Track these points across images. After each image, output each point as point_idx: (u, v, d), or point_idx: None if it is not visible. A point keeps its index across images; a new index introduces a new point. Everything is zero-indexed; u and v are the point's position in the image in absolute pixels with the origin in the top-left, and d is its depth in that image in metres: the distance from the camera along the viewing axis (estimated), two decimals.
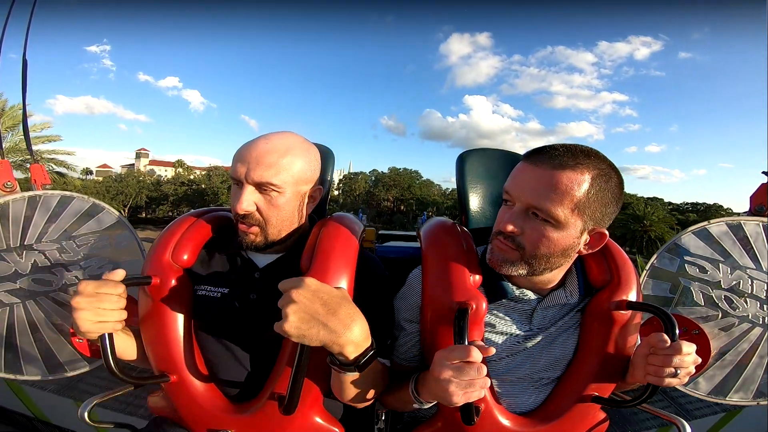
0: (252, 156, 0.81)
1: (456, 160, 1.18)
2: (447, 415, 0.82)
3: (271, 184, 0.81)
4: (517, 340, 0.84)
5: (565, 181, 0.70)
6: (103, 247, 1.21)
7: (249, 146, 0.83)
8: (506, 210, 0.77)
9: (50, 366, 1.14)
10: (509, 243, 0.76)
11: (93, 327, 0.70)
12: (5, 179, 1.17)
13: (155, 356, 0.85)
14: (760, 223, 1.17)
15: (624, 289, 0.82)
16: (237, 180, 0.83)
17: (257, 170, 0.80)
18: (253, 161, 0.81)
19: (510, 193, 0.76)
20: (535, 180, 0.72)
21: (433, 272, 0.84)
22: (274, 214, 0.84)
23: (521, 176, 0.75)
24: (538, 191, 0.71)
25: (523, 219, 0.74)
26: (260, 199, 0.83)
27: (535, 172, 0.73)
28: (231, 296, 0.86)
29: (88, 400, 0.86)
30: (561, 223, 0.72)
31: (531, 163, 0.74)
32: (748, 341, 1.14)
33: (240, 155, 0.83)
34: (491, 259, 0.80)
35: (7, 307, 1.11)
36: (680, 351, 0.70)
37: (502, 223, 0.76)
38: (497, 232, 0.78)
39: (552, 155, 0.72)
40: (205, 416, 0.83)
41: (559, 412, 0.83)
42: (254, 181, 0.81)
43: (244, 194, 0.81)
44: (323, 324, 0.65)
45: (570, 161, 0.71)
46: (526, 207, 0.74)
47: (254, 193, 0.82)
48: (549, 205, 0.71)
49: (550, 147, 0.74)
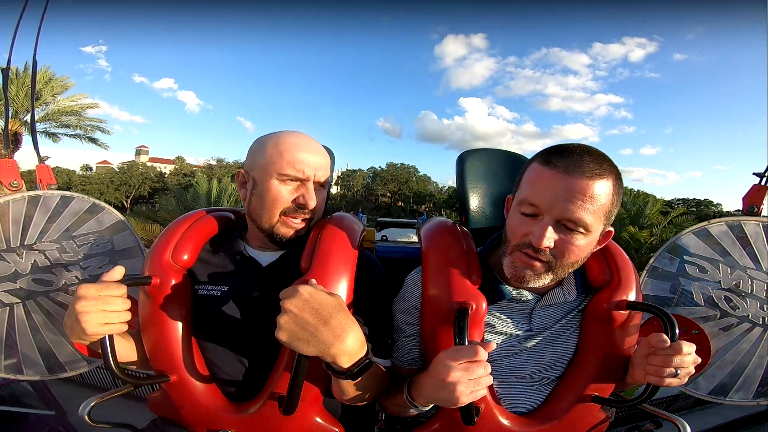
0: (317, 157, 0.88)
1: (456, 160, 1.18)
2: (447, 415, 0.82)
3: (326, 182, 0.93)
4: (517, 341, 0.84)
5: (598, 190, 0.70)
6: (103, 247, 1.21)
7: (309, 148, 0.88)
8: (533, 223, 0.73)
9: (50, 366, 1.14)
10: (539, 256, 0.73)
11: (99, 329, 0.70)
12: (12, 178, 1.17)
13: (155, 356, 0.85)
14: (760, 223, 1.17)
15: (624, 289, 0.82)
16: (300, 178, 0.87)
17: (323, 170, 0.90)
18: (319, 162, 0.88)
19: (538, 205, 0.72)
20: (570, 191, 0.69)
21: (434, 272, 0.84)
22: (320, 207, 0.93)
23: (552, 187, 0.70)
24: (574, 203, 0.69)
25: (553, 231, 0.72)
26: (318, 194, 0.90)
27: (566, 182, 0.70)
28: (233, 294, 0.87)
29: (88, 400, 0.86)
30: (590, 231, 0.72)
31: (561, 171, 0.70)
32: (748, 341, 1.14)
33: (302, 154, 0.86)
34: (514, 274, 0.77)
35: (7, 307, 1.11)
36: (680, 351, 0.70)
37: (535, 239, 0.72)
38: (522, 245, 0.74)
39: (580, 162, 0.70)
40: (205, 416, 0.83)
41: (559, 412, 0.83)
42: (320, 179, 0.89)
43: (314, 191, 0.88)
44: (313, 335, 0.65)
45: (598, 168, 0.70)
46: (557, 219, 0.71)
47: (316, 189, 0.89)
48: (584, 216, 0.70)
49: (570, 151, 0.72)
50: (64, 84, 14.87)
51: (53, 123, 14.81)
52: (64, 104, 14.81)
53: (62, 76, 14.90)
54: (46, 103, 14.34)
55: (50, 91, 14.28)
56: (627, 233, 10.15)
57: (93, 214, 1.22)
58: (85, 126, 15.60)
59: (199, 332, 0.87)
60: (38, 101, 13.89)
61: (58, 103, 14.71)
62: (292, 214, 0.88)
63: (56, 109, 14.61)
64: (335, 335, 0.66)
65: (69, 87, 15.13)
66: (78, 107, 15.29)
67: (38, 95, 13.78)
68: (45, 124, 14.71)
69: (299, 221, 0.89)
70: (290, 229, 0.89)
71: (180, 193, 13.65)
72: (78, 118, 15.31)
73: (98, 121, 16.11)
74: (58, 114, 14.65)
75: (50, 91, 14.28)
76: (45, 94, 14.09)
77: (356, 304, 0.83)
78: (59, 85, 14.67)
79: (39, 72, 13.42)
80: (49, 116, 14.54)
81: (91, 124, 15.83)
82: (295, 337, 0.65)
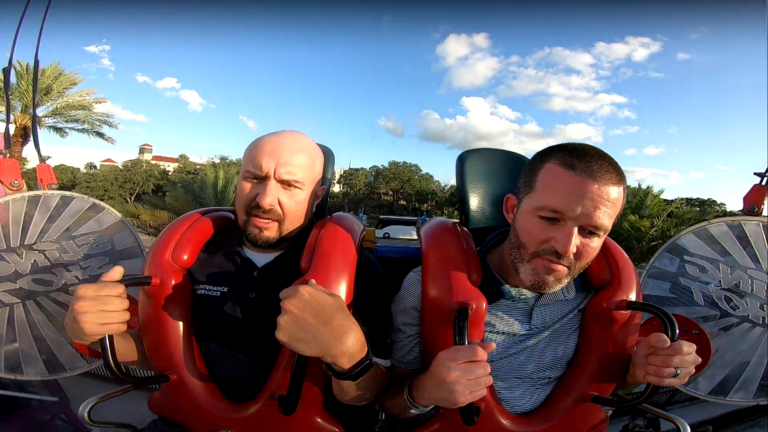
0: (282, 152, 0.84)
1: (456, 160, 1.18)
2: (447, 415, 0.82)
3: (297, 181, 0.85)
4: (517, 340, 0.84)
5: (617, 195, 0.71)
6: (103, 247, 1.21)
7: (273, 142, 0.85)
8: (554, 228, 0.72)
9: (50, 366, 1.14)
10: (561, 261, 0.73)
11: (98, 329, 0.70)
12: (12, 178, 1.17)
13: (155, 356, 0.85)
14: (760, 223, 1.17)
15: (624, 289, 0.82)
16: (258, 175, 0.84)
17: (286, 167, 0.84)
18: (284, 158, 0.83)
19: (563, 212, 0.70)
20: (598, 197, 0.69)
21: (434, 272, 0.83)
22: (293, 210, 0.87)
23: (578, 193, 0.69)
24: (599, 209, 0.69)
25: (577, 236, 0.71)
26: (283, 194, 0.85)
27: (594, 187, 0.69)
28: (230, 295, 0.87)
29: (88, 400, 0.86)
30: (605, 233, 0.73)
31: (586, 177, 0.69)
32: (748, 341, 1.14)
33: (264, 150, 0.84)
34: (536, 281, 0.75)
35: (7, 307, 1.11)
36: (680, 351, 0.70)
37: (561, 246, 0.70)
38: (543, 251, 0.73)
39: (600, 166, 0.70)
40: (205, 416, 0.83)
41: (559, 412, 0.83)
42: (282, 177, 0.84)
43: (270, 189, 0.83)
44: (313, 336, 0.65)
45: (616, 173, 0.71)
46: (582, 225, 0.71)
47: (278, 188, 0.85)
48: (606, 221, 0.71)
49: (587, 153, 0.71)
50: (72, 80, 15.17)
51: (62, 117, 15.13)
52: (73, 99, 15.12)
53: (71, 72, 15.24)
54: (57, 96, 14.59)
55: (60, 85, 14.56)
56: (627, 222, 10.16)
57: (93, 214, 1.22)
58: (92, 121, 15.85)
59: (199, 332, 0.87)
60: (48, 95, 14.19)
61: (66, 98, 15.01)
62: (254, 212, 0.86)
63: (65, 103, 14.91)
64: (335, 336, 0.66)
65: (78, 82, 15.41)
66: (86, 102, 15.54)
67: (48, 89, 14.09)
68: (53, 118, 15.03)
69: (264, 221, 0.85)
70: (256, 229, 0.86)
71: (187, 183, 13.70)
72: (86, 113, 15.57)
73: (105, 116, 16.38)
74: (67, 108, 14.95)
75: (60, 86, 14.57)
76: (55, 88, 14.37)
77: (356, 305, 0.83)
78: (68, 80, 14.95)
79: (49, 67, 14.03)
80: (58, 110, 14.82)
81: (99, 119, 16.09)
82: (295, 338, 0.65)
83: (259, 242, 0.87)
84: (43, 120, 14.62)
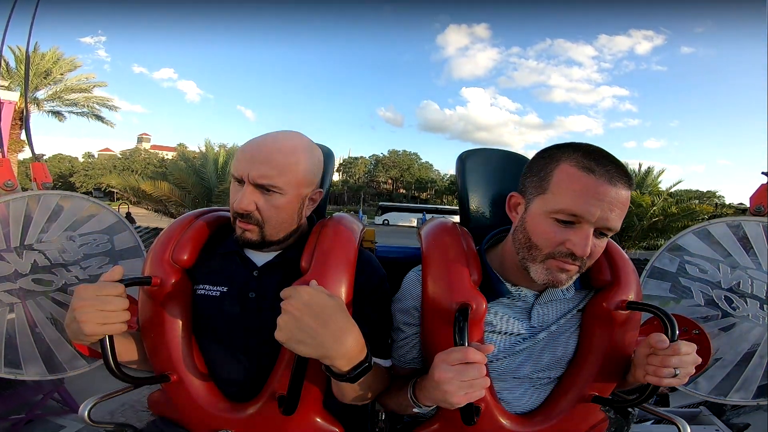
0: (257, 156, 0.81)
1: (456, 160, 1.18)
2: (447, 415, 0.82)
3: (273, 185, 0.81)
4: (517, 339, 0.84)
5: (629, 198, 0.73)
6: (103, 247, 1.21)
7: (254, 145, 0.83)
8: (570, 231, 0.72)
9: (50, 365, 1.14)
10: (576, 262, 0.73)
11: (98, 330, 0.70)
12: (6, 178, 1.16)
13: (155, 356, 0.85)
14: (761, 223, 1.17)
15: (624, 289, 0.82)
16: (239, 178, 0.83)
17: (261, 170, 0.80)
18: (258, 161, 0.80)
19: (582, 215, 0.70)
20: (615, 201, 0.70)
21: (433, 272, 0.84)
22: (274, 215, 0.84)
23: (598, 197, 0.69)
24: (615, 212, 0.70)
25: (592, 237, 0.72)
26: (261, 198, 0.82)
27: (612, 192, 0.70)
28: (230, 295, 0.87)
29: (88, 400, 0.86)
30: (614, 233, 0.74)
31: (605, 181, 0.70)
32: (748, 341, 1.14)
33: (244, 153, 0.82)
34: (550, 280, 0.75)
35: (7, 307, 1.11)
36: (680, 351, 0.70)
37: (579, 249, 0.71)
38: (558, 253, 0.73)
39: (617, 169, 0.71)
40: (205, 416, 0.83)
41: (559, 412, 0.83)
42: (256, 181, 0.81)
43: (246, 193, 0.81)
44: (312, 337, 0.65)
45: (627, 177, 0.72)
46: (598, 228, 0.72)
47: (255, 193, 0.82)
48: (619, 223, 0.72)
49: (602, 155, 0.72)
50: (72, 63, 15.17)
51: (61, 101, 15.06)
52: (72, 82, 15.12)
53: (71, 57, 15.21)
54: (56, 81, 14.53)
55: (59, 69, 14.52)
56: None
57: (93, 213, 1.22)
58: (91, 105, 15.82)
59: (199, 332, 0.87)
60: (48, 78, 14.17)
61: (66, 82, 14.98)
62: (235, 215, 0.85)
63: (64, 86, 14.87)
64: (334, 338, 0.66)
65: (77, 66, 15.36)
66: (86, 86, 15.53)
67: (48, 73, 14.08)
68: (52, 102, 14.97)
69: (244, 224, 0.84)
70: (239, 230, 0.86)
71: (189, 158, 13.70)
72: (86, 97, 15.54)
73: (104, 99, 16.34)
74: (67, 91, 14.91)
75: (59, 69, 14.53)
76: (55, 72, 14.33)
77: (356, 305, 0.83)
78: (68, 64, 14.94)
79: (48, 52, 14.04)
80: (57, 94, 14.77)
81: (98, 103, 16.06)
82: (293, 339, 0.65)
83: (242, 243, 0.87)
84: (43, 103, 14.58)
